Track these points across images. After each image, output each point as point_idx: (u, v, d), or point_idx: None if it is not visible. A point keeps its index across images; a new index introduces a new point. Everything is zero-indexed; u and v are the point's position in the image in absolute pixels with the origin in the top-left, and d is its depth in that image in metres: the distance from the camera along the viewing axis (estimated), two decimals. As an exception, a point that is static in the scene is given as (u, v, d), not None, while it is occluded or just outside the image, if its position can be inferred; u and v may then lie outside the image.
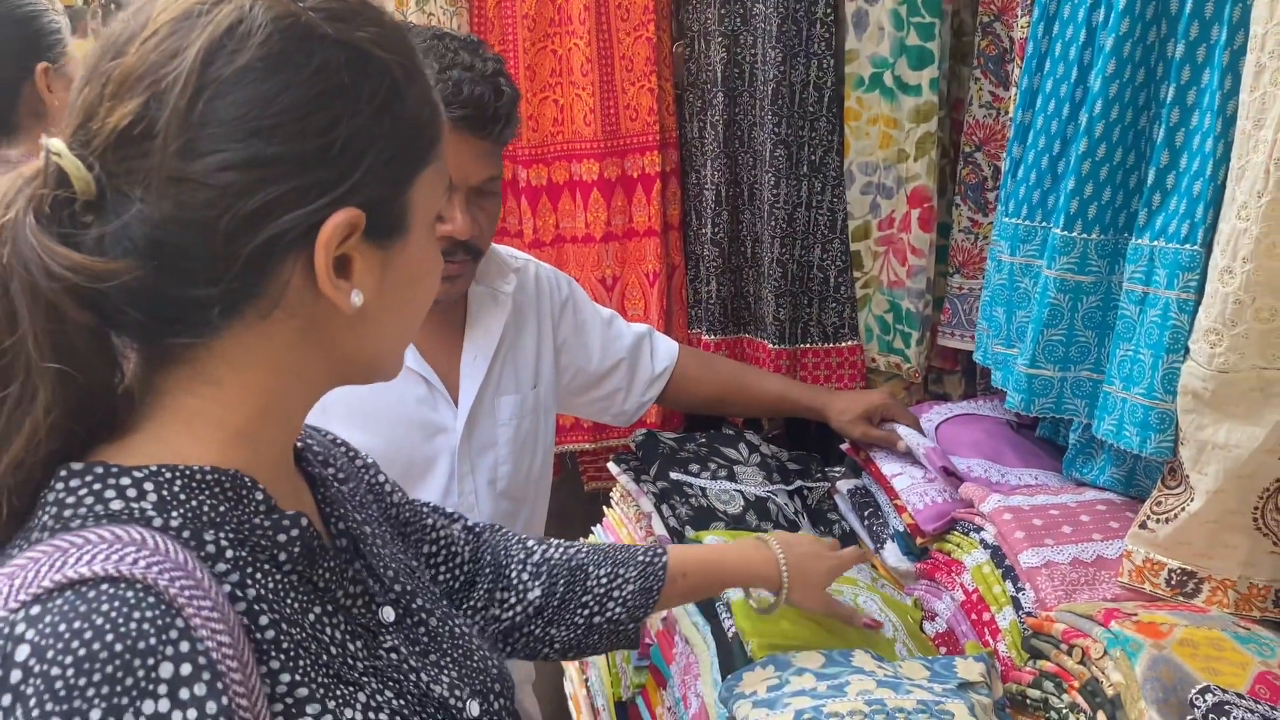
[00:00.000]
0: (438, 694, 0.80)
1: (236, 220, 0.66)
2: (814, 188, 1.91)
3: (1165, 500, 1.26)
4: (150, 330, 0.69)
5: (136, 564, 0.62)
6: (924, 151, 1.82)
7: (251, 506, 0.72)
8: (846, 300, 1.94)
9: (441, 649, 0.86)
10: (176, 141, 0.65)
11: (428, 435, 1.57)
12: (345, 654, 0.75)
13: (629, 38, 2.06)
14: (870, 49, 1.83)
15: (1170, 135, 1.26)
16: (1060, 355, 1.39)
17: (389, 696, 0.76)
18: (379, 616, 0.81)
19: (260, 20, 0.67)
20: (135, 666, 0.58)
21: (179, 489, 0.69)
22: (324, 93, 0.68)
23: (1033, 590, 1.35)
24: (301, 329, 0.72)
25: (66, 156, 0.66)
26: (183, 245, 0.66)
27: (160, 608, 0.61)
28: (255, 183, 0.66)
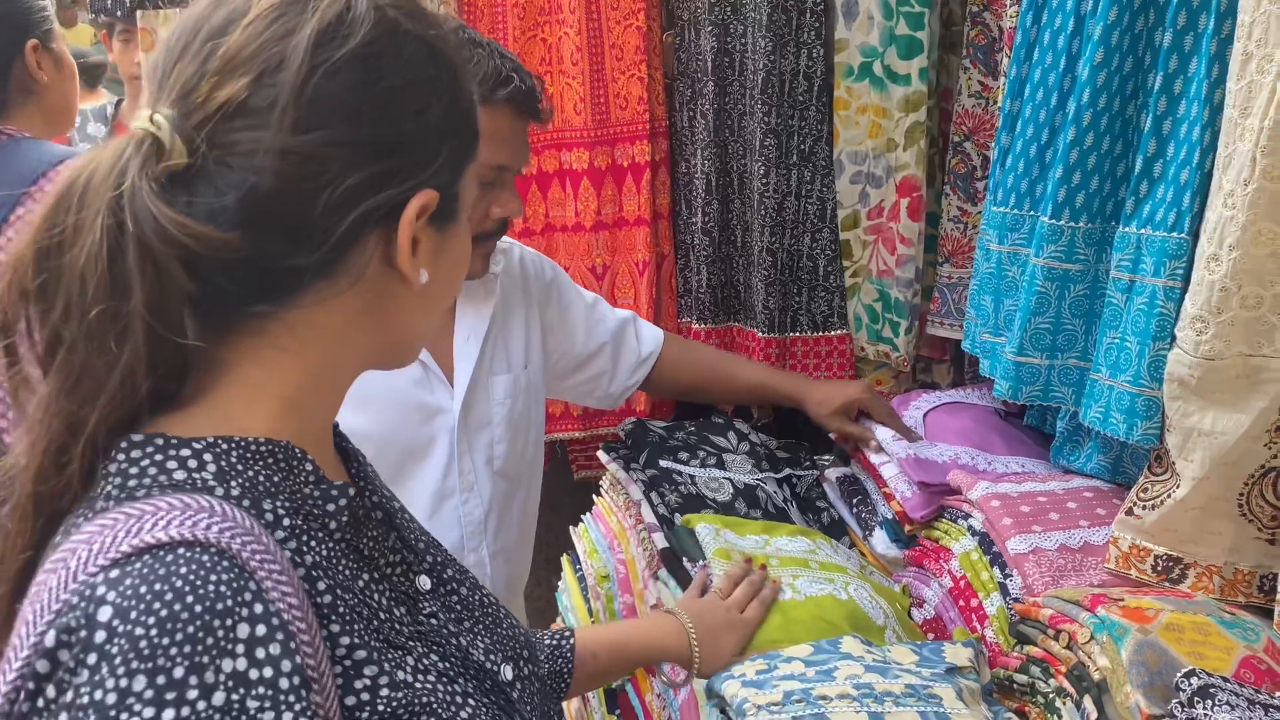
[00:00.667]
0: (476, 658, 0.84)
1: (337, 194, 0.70)
2: (803, 177, 1.92)
3: (1151, 487, 1.27)
4: (237, 298, 0.72)
5: (210, 529, 0.64)
6: (913, 141, 1.83)
7: (302, 477, 0.74)
8: (835, 289, 1.95)
9: (474, 616, 0.89)
10: (290, 116, 0.69)
11: (426, 417, 1.59)
12: (392, 619, 0.77)
13: (619, 26, 2.06)
14: (860, 38, 1.83)
15: (1158, 124, 1.27)
16: (1048, 343, 1.39)
17: (434, 659, 0.79)
18: (416, 584, 0.84)
19: (363, 10, 0.72)
20: (215, 626, 0.60)
21: (236, 459, 0.71)
22: (413, 82, 0.74)
23: (1020, 576, 1.36)
24: (364, 305, 0.76)
25: (166, 129, 0.68)
26: (286, 216, 0.70)
27: (234, 570, 0.63)
28: (356, 160, 0.71)
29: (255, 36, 0.70)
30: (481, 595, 0.93)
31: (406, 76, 0.73)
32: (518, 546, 1.74)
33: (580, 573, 1.79)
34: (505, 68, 1.47)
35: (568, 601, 1.80)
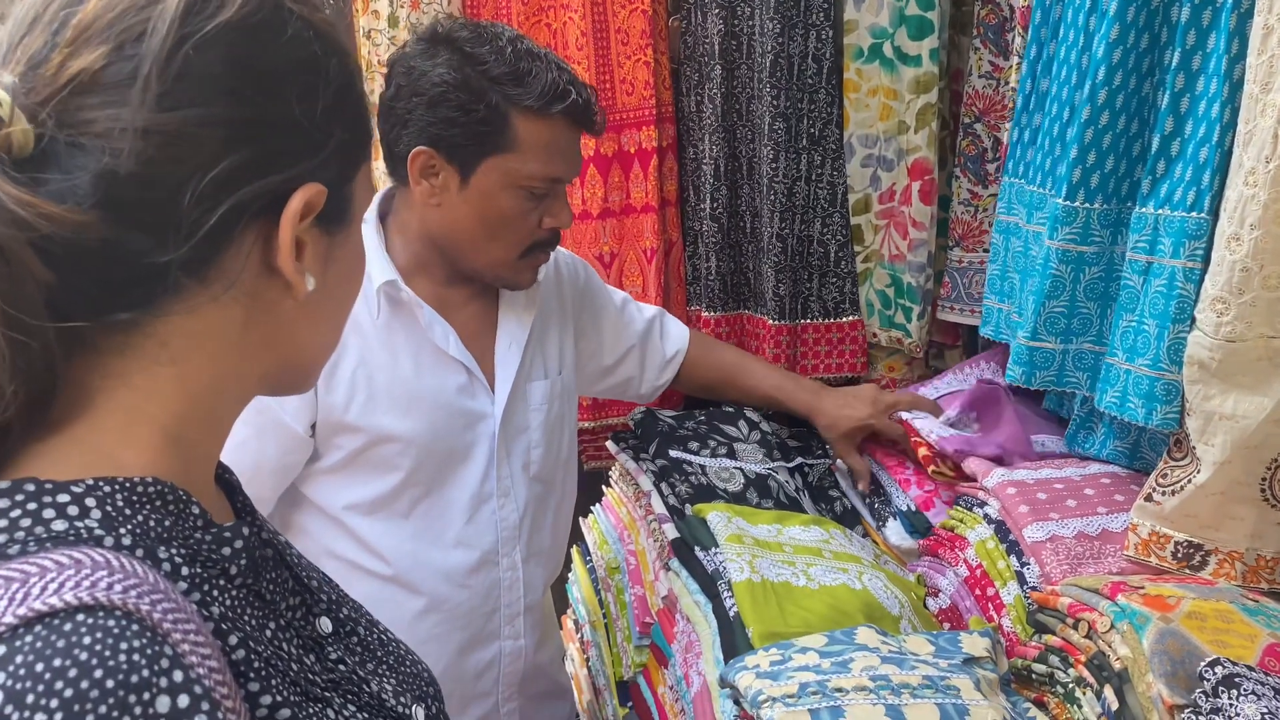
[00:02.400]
0: (388, 703, 0.77)
1: (207, 181, 0.63)
2: (814, 161, 1.89)
3: (1171, 472, 1.24)
4: (97, 300, 0.63)
5: (112, 589, 0.56)
6: (924, 123, 1.80)
7: (190, 521, 0.67)
8: (847, 275, 1.92)
9: (376, 657, 0.83)
10: (153, 91, 0.61)
11: (469, 423, 1.59)
12: (304, 668, 0.71)
13: (624, 11, 2.03)
14: (869, 19, 1.80)
15: (1175, 101, 1.24)
16: (1062, 327, 1.37)
17: (353, 710, 0.72)
18: (318, 627, 0.78)
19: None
20: (131, 704, 0.53)
21: (122, 503, 0.63)
22: (300, 63, 0.67)
23: (1037, 565, 1.34)
24: (244, 317, 0.69)
25: (6, 103, 0.60)
26: (148, 204, 0.62)
27: (146, 635, 0.55)
28: (230, 142, 0.64)
29: (114, 4, 0.63)
30: (379, 633, 0.86)
31: (290, 56, 0.67)
32: (551, 549, 1.75)
33: (590, 564, 1.77)
34: (562, 80, 1.45)
35: (578, 594, 1.78)
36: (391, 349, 1.53)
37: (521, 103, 1.42)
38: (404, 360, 1.53)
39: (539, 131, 1.44)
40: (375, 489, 1.54)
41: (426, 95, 1.42)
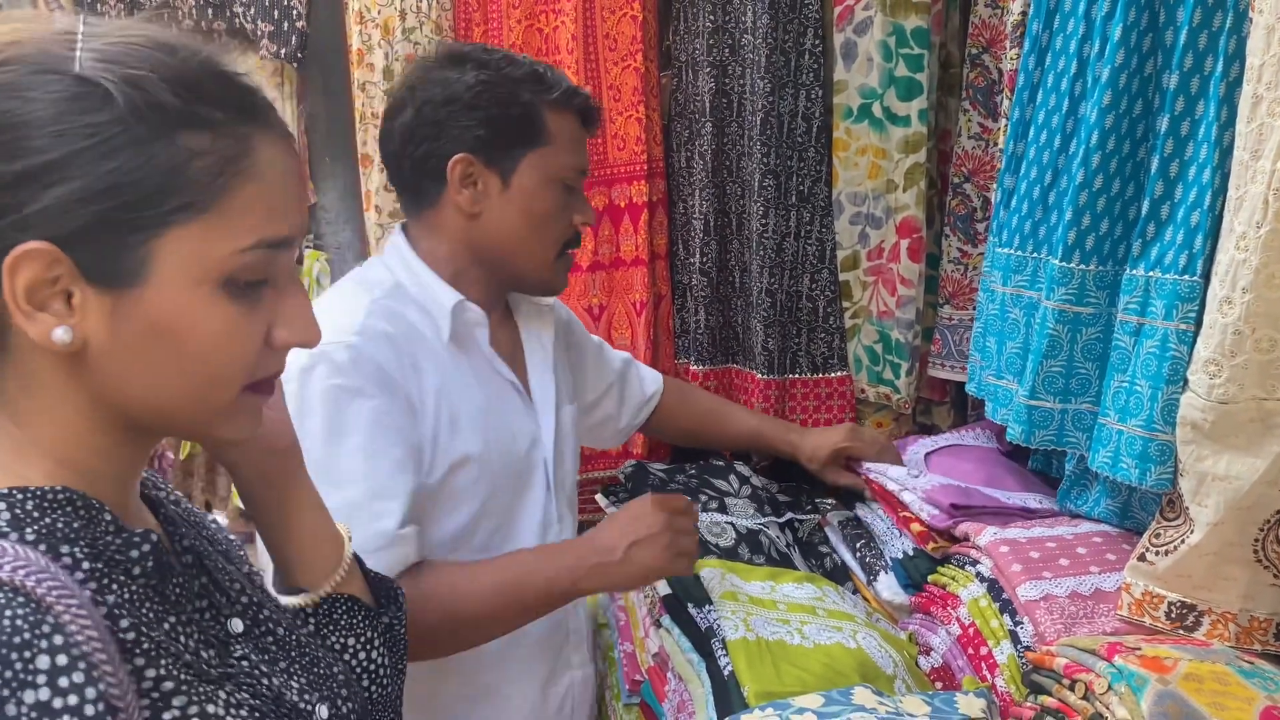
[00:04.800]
0: (289, 699, 0.82)
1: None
2: (802, 217, 1.91)
3: (1164, 532, 1.25)
4: None
5: (1, 569, 0.64)
6: (913, 182, 1.82)
7: (102, 526, 0.74)
8: (835, 330, 1.94)
9: (290, 656, 0.88)
10: None
11: (528, 447, 1.54)
12: (200, 660, 0.77)
13: (617, 67, 2.06)
14: (859, 80, 1.83)
15: (1165, 166, 1.27)
16: (1060, 387, 1.38)
17: (246, 697, 0.78)
18: (228, 627, 0.83)
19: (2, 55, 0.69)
20: (13, 659, 0.60)
21: (32, 507, 0.71)
22: (34, 121, 0.68)
23: (1031, 624, 1.33)
24: (58, 363, 0.73)
25: None
26: None
27: (30, 606, 0.63)
28: None
29: None
30: (298, 635, 0.91)
31: (20, 114, 0.68)
32: None
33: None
34: (572, 83, 1.52)
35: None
36: (462, 371, 1.48)
37: (549, 96, 1.47)
38: (473, 382, 1.48)
39: (566, 123, 1.49)
40: (454, 523, 1.46)
41: (462, 100, 1.44)
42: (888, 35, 1.78)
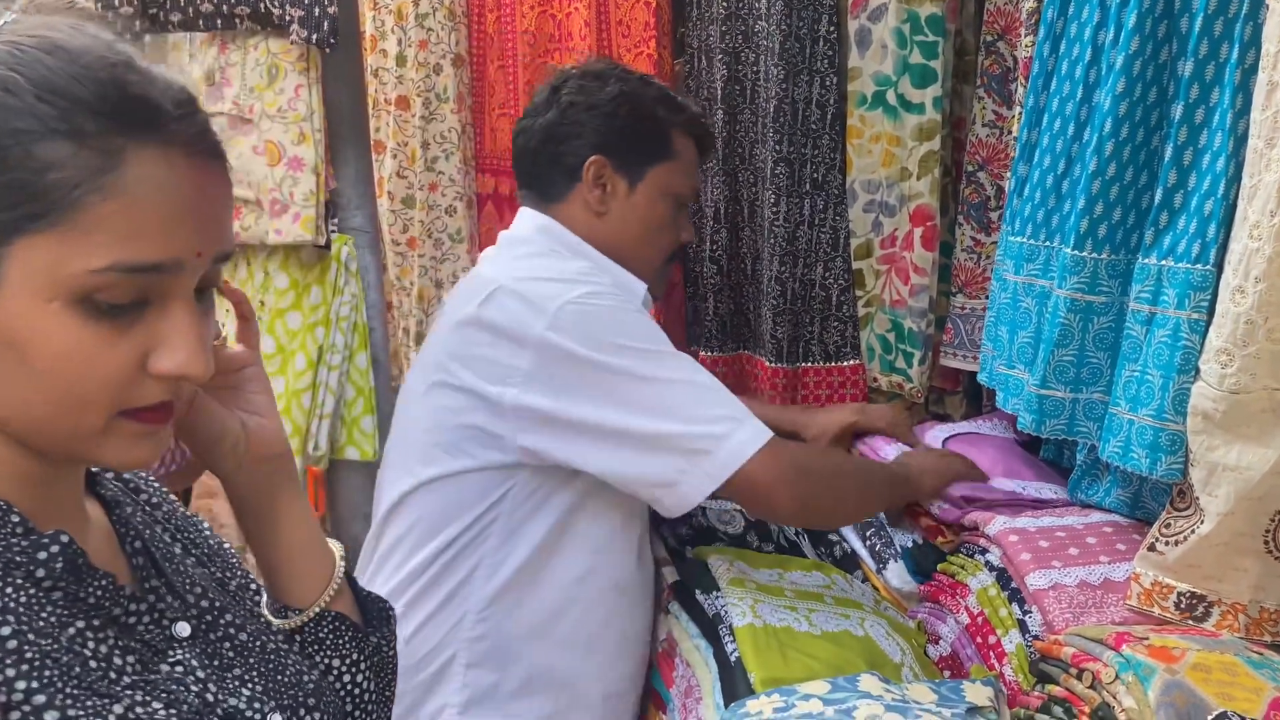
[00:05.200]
0: (231, 705, 0.79)
1: None
2: (816, 205, 1.90)
3: (1174, 522, 1.24)
4: None
5: None
6: (927, 170, 1.82)
7: (8, 527, 0.72)
8: (848, 319, 1.93)
9: (248, 663, 0.85)
10: None
11: None
12: (109, 668, 0.73)
13: (629, 54, 2.05)
14: (873, 67, 1.82)
15: (1179, 154, 1.26)
16: (1071, 376, 1.37)
17: (156, 708, 0.74)
18: (172, 631, 0.80)
19: None
20: None
21: None
22: None
23: (1040, 613, 1.33)
24: None
25: None
26: None
27: None
28: None
29: None
30: (265, 640, 0.88)
31: None
32: None
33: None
34: (694, 108, 1.67)
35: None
36: None
37: (678, 118, 1.62)
38: None
39: (689, 148, 1.64)
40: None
41: (601, 109, 1.57)
42: (902, 22, 1.77)
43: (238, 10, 1.77)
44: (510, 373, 1.39)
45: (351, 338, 1.87)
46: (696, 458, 1.35)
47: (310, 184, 1.77)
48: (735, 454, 1.35)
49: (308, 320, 1.84)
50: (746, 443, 1.36)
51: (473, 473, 1.44)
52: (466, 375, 1.43)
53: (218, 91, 1.79)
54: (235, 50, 1.78)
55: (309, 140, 1.78)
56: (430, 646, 1.45)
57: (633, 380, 1.37)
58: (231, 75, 1.79)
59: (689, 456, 1.35)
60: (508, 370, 1.39)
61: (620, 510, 1.48)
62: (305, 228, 1.76)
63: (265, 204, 1.77)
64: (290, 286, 1.85)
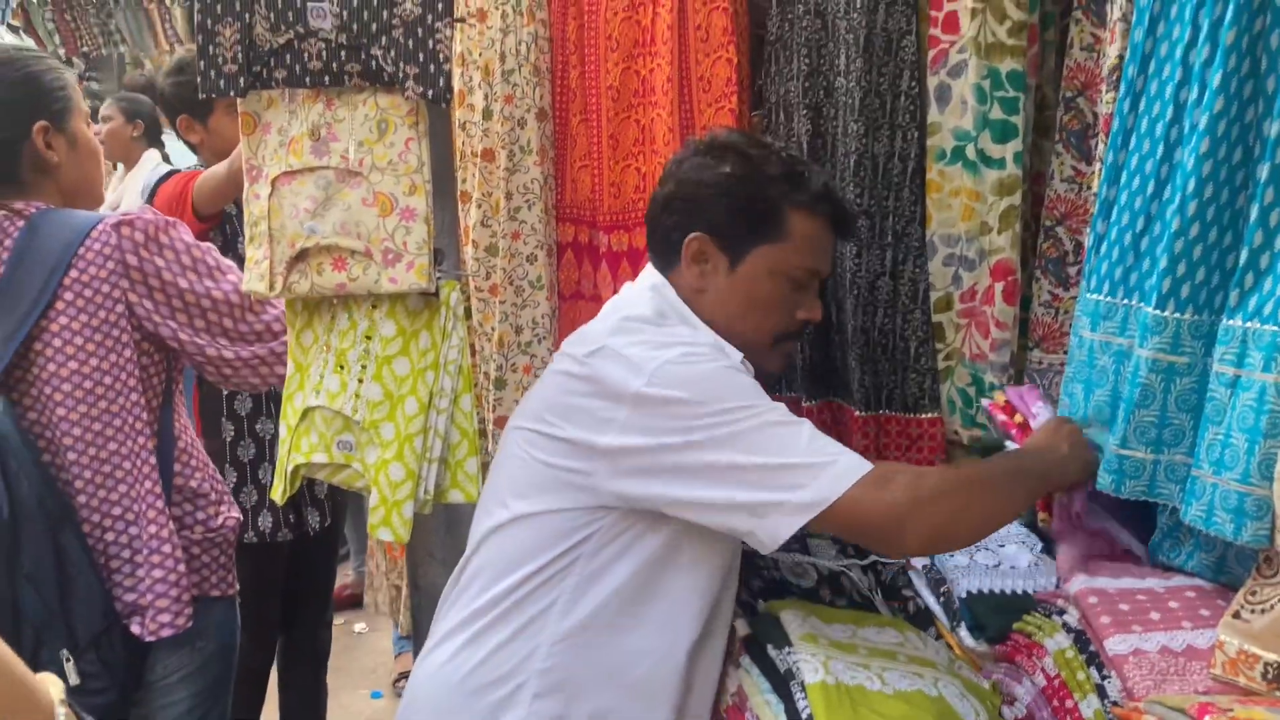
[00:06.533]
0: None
1: None
2: (896, 258, 1.91)
3: (1261, 590, 1.21)
4: None
5: None
6: (1008, 225, 1.81)
7: None
8: (927, 371, 1.92)
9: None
10: None
11: None
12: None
13: (710, 109, 2.08)
14: (952, 122, 1.83)
15: (1265, 214, 1.24)
16: (1153, 438, 1.35)
17: None
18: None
19: None
20: None
21: None
22: None
23: (1119, 679, 1.30)
24: None
25: None
26: None
27: None
28: None
29: None
30: None
31: None
32: None
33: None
34: (831, 186, 1.66)
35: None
36: None
37: (797, 198, 1.59)
38: None
39: (807, 226, 1.61)
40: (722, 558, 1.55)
41: (713, 188, 1.59)
42: (982, 78, 1.77)
43: (348, 67, 1.83)
44: (607, 424, 1.43)
45: (457, 381, 1.91)
46: (790, 489, 1.35)
47: (422, 233, 1.82)
48: (835, 482, 1.34)
49: (417, 365, 1.89)
50: (846, 471, 1.35)
51: (562, 512, 1.47)
52: (564, 425, 1.47)
53: (324, 146, 1.85)
54: (342, 106, 1.84)
55: (420, 191, 1.84)
56: (502, 672, 1.48)
57: (727, 420, 1.38)
58: (339, 130, 1.85)
59: (783, 488, 1.35)
60: (605, 421, 1.43)
61: (705, 567, 1.48)
62: (419, 275, 1.82)
63: (377, 254, 1.83)
64: (398, 333, 1.90)
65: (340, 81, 1.84)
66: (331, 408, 1.93)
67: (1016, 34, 1.75)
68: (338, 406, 1.93)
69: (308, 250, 1.88)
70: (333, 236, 1.86)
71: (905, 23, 1.86)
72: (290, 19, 1.83)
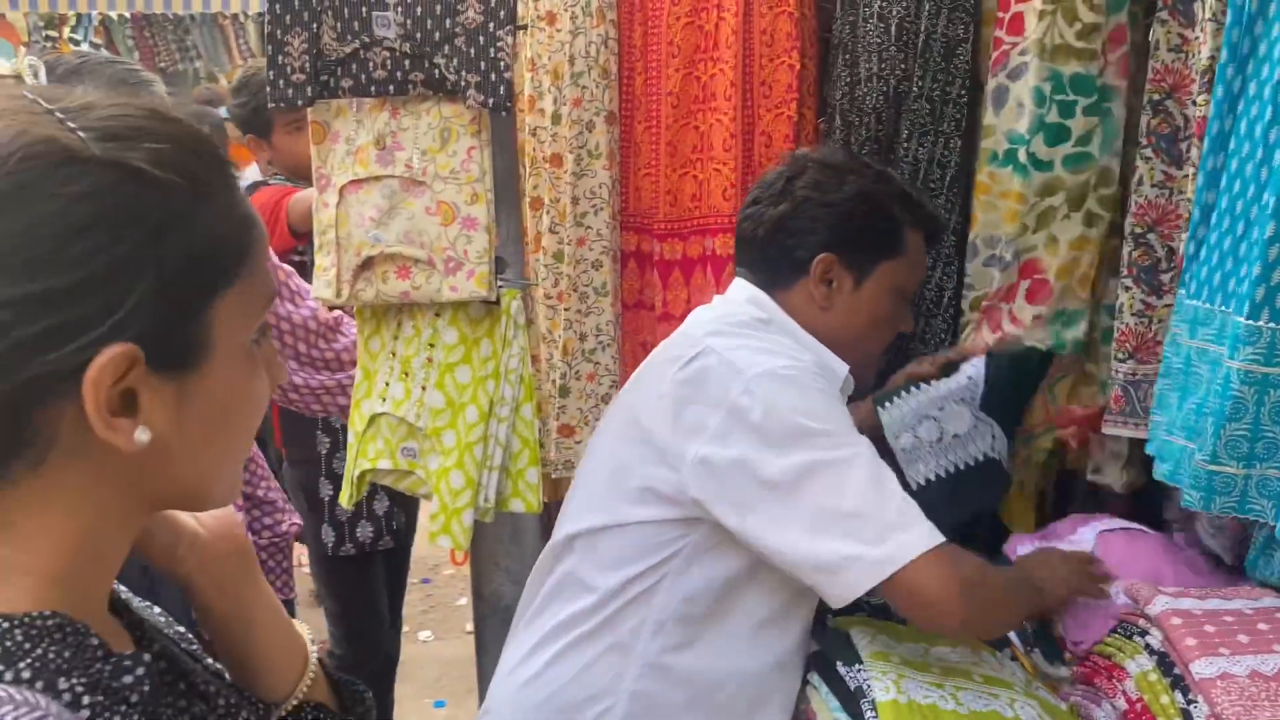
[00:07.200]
0: None
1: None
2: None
3: (1360, 613, 1.16)
4: None
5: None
6: (1044, 225, 1.78)
7: (89, 652, 0.66)
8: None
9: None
10: None
11: None
12: None
13: (770, 114, 2.06)
14: (1008, 124, 1.79)
15: (1364, 221, 1.18)
16: (1244, 452, 1.29)
17: None
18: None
19: (8, 148, 0.62)
20: None
21: (22, 638, 0.63)
22: (83, 222, 0.62)
23: (1206, 704, 1.26)
24: (96, 469, 0.67)
25: None
26: None
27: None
28: (5, 325, 0.61)
29: None
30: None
31: (72, 216, 0.62)
32: None
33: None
34: (936, 209, 1.70)
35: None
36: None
37: (914, 215, 1.62)
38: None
39: (919, 245, 1.64)
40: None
41: (839, 207, 1.57)
42: (1043, 80, 1.73)
43: (411, 76, 1.84)
44: (699, 429, 1.40)
45: (518, 390, 1.91)
46: (865, 545, 1.31)
47: (484, 242, 1.83)
48: (905, 549, 1.31)
49: (478, 374, 1.90)
50: (917, 540, 1.31)
51: (650, 524, 1.45)
52: (656, 428, 1.45)
53: (389, 155, 1.86)
54: (407, 115, 1.86)
55: (482, 200, 1.85)
56: (591, 692, 1.45)
57: (809, 457, 1.35)
58: (403, 139, 1.86)
59: (858, 542, 1.32)
60: (697, 427, 1.40)
61: (790, 586, 1.44)
62: (480, 284, 1.82)
63: (439, 263, 1.84)
64: (459, 341, 1.91)
65: (404, 90, 1.85)
66: (396, 414, 1.94)
67: (1086, 36, 1.71)
68: (402, 413, 1.93)
69: (373, 258, 1.89)
70: (396, 245, 1.87)
71: (963, 30, 1.84)
72: (356, 28, 1.84)
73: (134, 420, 0.65)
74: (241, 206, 0.72)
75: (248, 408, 0.74)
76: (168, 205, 0.65)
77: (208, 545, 0.84)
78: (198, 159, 0.68)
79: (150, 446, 0.66)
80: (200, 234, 0.67)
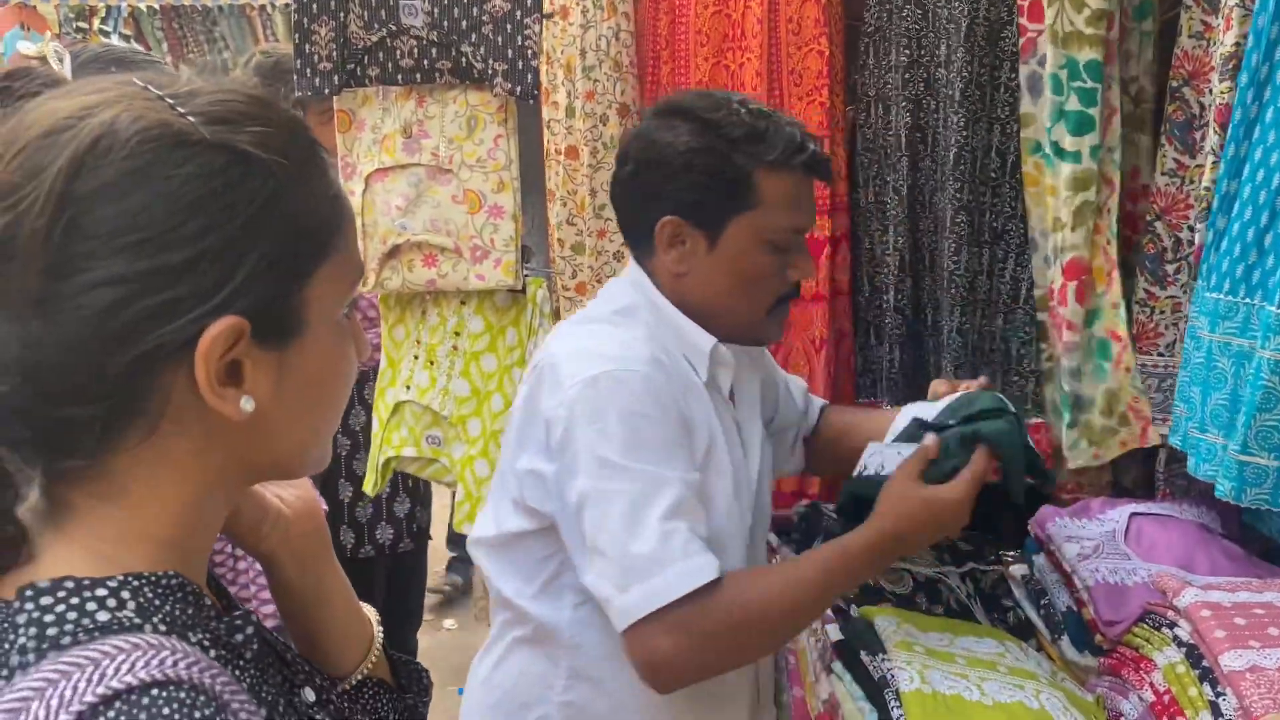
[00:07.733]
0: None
1: (108, 338, 0.65)
2: (995, 255, 1.85)
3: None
4: (40, 451, 0.67)
5: (177, 666, 0.63)
6: (1082, 221, 1.73)
7: (205, 611, 0.71)
8: (1030, 374, 1.86)
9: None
10: (38, 263, 0.64)
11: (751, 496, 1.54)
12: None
13: (801, 102, 2.04)
14: (1045, 112, 1.76)
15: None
16: (1276, 442, 1.28)
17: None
18: (303, 697, 0.80)
19: (126, 133, 0.65)
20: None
21: (151, 595, 0.67)
22: (196, 201, 0.66)
23: (1235, 696, 1.24)
24: (203, 437, 0.70)
25: None
26: (54, 365, 0.65)
27: (213, 705, 0.62)
28: (125, 299, 0.64)
29: (10, 175, 0.64)
30: (353, 703, 0.90)
31: (187, 195, 0.65)
32: None
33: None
34: (798, 133, 1.46)
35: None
36: (719, 414, 1.49)
37: (764, 159, 1.43)
38: (716, 421, 1.48)
39: (781, 185, 1.45)
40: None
41: (671, 165, 1.44)
42: (1059, 67, 1.70)
43: (439, 65, 1.84)
44: (527, 441, 1.39)
45: (544, 378, 1.92)
46: (614, 589, 1.28)
47: (510, 230, 1.83)
48: (643, 601, 1.26)
49: (503, 362, 1.91)
50: (658, 591, 1.26)
51: (527, 535, 1.42)
52: (509, 437, 1.45)
53: (415, 144, 1.87)
54: (433, 103, 1.86)
55: (508, 188, 1.85)
56: (526, 699, 1.45)
57: (585, 485, 1.31)
58: (430, 128, 1.86)
59: (610, 584, 1.29)
60: (526, 438, 1.39)
61: None
62: (506, 272, 1.83)
63: (465, 251, 1.84)
64: (485, 330, 1.92)
65: (431, 79, 1.85)
66: (421, 402, 1.94)
67: (1095, 23, 1.68)
68: (427, 401, 1.94)
69: (400, 246, 1.89)
70: (423, 233, 1.87)
71: (1006, 12, 1.81)
72: (384, 17, 1.85)
73: (240, 390, 0.69)
74: (334, 186, 0.75)
75: (339, 380, 0.77)
76: (272, 185, 0.69)
77: (292, 523, 0.88)
78: (295, 141, 0.72)
79: (252, 416, 0.70)
80: (300, 212, 0.71)
